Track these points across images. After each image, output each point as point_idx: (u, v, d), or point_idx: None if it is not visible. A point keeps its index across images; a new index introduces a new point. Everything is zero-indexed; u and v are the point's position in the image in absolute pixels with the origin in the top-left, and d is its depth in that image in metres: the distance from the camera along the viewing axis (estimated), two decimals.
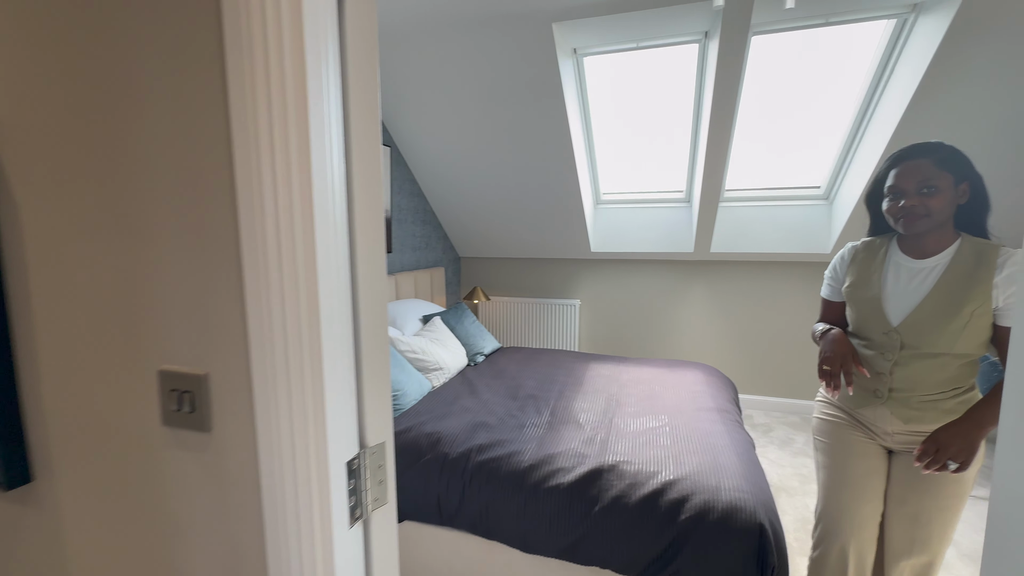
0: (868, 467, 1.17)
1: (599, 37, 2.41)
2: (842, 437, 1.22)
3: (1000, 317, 1.01)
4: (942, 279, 1.04)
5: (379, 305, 0.68)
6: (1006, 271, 0.99)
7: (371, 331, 0.66)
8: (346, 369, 0.62)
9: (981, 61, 1.98)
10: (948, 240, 1.06)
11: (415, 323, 2.67)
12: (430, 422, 1.81)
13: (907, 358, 1.08)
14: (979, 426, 0.99)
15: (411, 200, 3.34)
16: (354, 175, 0.62)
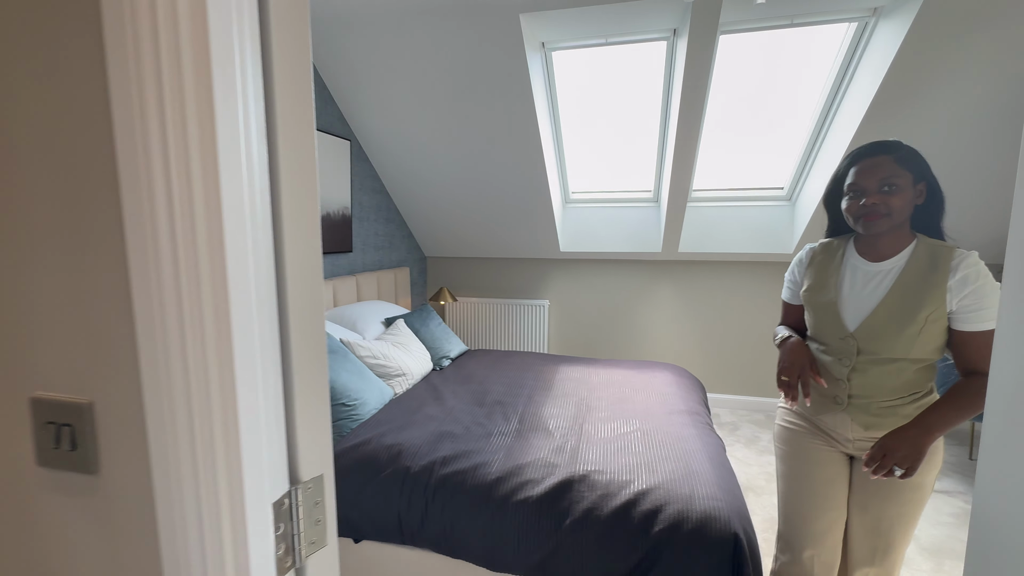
0: (828, 475, 1.15)
1: (568, 31, 2.35)
2: (802, 446, 1.19)
3: (955, 321, 0.99)
4: (897, 283, 1.03)
5: (314, 313, 0.58)
6: (960, 274, 0.97)
7: (304, 344, 0.56)
8: (270, 392, 0.51)
9: (939, 66, 2.02)
10: (904, 242, 1.05)
11: (377, 326, 2.54)
12: (391, 433, 1.70)
13: (864, 364, 1.06)
14: (927, 432, 0.98)
15: (373, 197, 3.19)
16: (281, 164, 0.52)
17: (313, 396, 0.58)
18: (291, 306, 0.54)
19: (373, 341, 2.25)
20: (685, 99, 2.33)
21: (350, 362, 1.94)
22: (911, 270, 1.02)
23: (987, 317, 0.96)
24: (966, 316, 0.97)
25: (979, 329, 0.97)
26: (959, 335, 1.00)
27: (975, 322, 0.97)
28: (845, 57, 2.31)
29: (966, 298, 0.97)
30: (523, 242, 3.50)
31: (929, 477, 1.05)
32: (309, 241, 0.56)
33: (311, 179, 0.56)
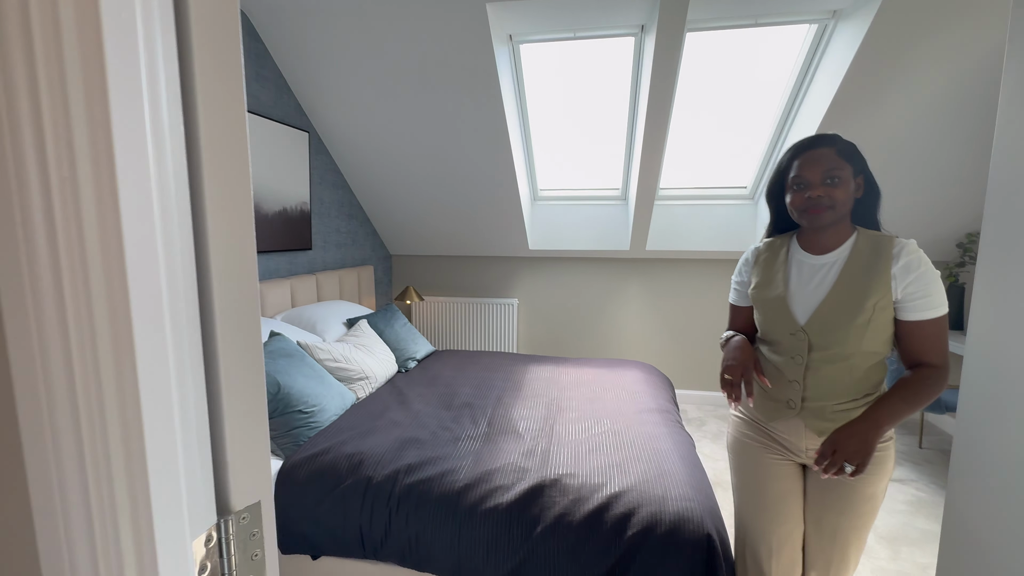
0: (783, 489, 1.12)
1: (535, 23, 2.30)
2: (755, 458, 1.16)
3: (901, 311, 1.00)
4: (843, 273, 1.03)
5: (246, 316, 0.49)
6: (902, 261, 0.98)
7: (234, 351, 0.48)
8: (189, 409, 0.43)
9: (895, 67, 2.08)
10: (846, 234, 1.05)
11: (339, 327, 2.42)
12: (352, 440, 1.60)
13: (817, 361, 1.04)
14: (876, 426, 0.96)
15: (335, 192, 3.05)
16: (202, 142, 0.43)
17: (247, 411, 0.50)
18: (217, 308, 0.46)
19: (334, 343, 2.14)
20: (653, 97, 2.32)
21: (308, 366, 1.83)
22: (854, 260, 1.02)
23: (932, 305, 0.97)
24: (912, 305, 0.98)
25: (925, 318, 0.97)
26: (905, 326, 1.00)
27: (921, 310, 0.97)
28: (806, 58, 2.36)
29: (910, 285, 0.97)
30: (491, 240, 3.44)
31: (880, 486, 1.04)
32: (239, 231, 0.48)
33: (242, 164, 0.48)
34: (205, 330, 0.46)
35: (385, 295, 3.73)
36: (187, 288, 0.43)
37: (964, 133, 2.33)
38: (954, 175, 2.52)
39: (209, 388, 0.46)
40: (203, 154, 0.44)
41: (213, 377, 0.46)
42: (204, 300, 0.45)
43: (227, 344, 0.47)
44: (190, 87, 0.43)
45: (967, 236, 2.83)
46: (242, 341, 0.49)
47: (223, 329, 0.47)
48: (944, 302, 0.97)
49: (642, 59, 2.42)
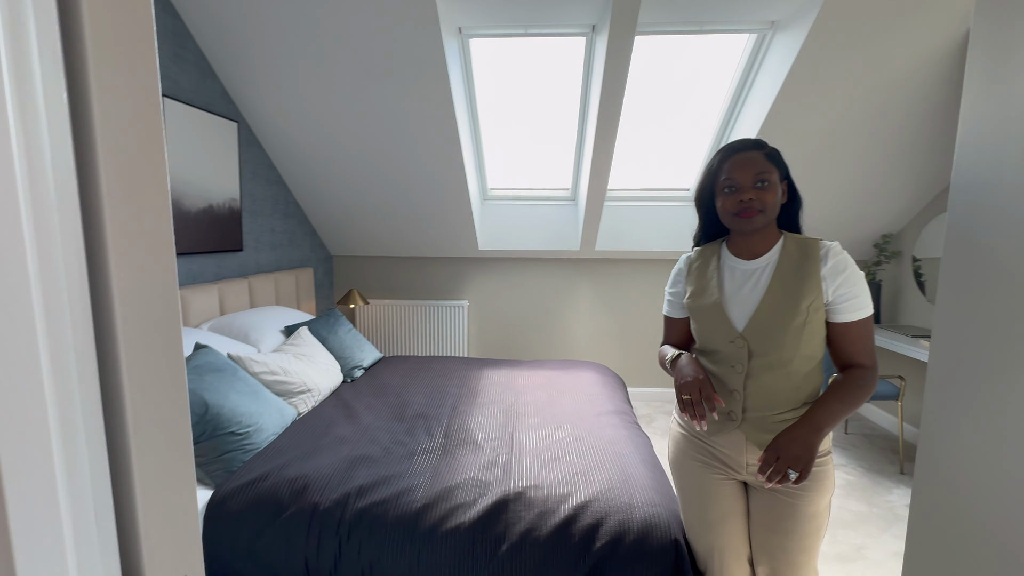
0: (725, 509, 1.10)
1: (486, 17, 2.22)
2: (697, 477, 1.13)
3: (832, 313, 1.01)
4: (775, 276, 1.03)
5: (163, 337, 0.39)
6: (830, 262, 1.00)
7: (147, 381, 0.37)
8: (79, 470, 0.32)
9: (828, 79, 2.21)
10: (773, 239, 1.06)
11: (275, 336, 2.22)
12: (294, 463, 1.45)
13: (757, 369, 1.03)
14: (816, 428, 0.96)
15: (268, 189, 2.82)
16: (97, 133, 0.33)
17: (167, 463, 0.39)
18: (120, 323, 0.35)
19: (271, 354, 1.95)
20: (604, 98, 2.32)
21: (241, 381, 1.64)
22: (784, 264, 1.03)
23: (860, 306, 0.99)
24: (842, 306, 0.99)
25: (853, 319, 0.99)
26: (837, 328, 1.01)
27: (851, 311, 0.99)
28: (746, 66, 2.45)
29: (840, 287, 0.99)
30: (440, 240, 3.32)
31: (822, 503, 1.03)
32: (152, 232, 0.37)
33: (156, 153, 0.37)
34: (105, 362, 0.35)
35: (326, 299, 3.51)
36: (76, 309, 0.32)
37: (883, 142, 2.52)
38: (873, 181, 2.73)
39: (109, 437, 0.35)
40: (98, 143, 0.33)
41: (116, 420, 0.36)
42: (103, 324, 0.34)
43: (135, 376, 0.36)
44: (79, 60, 0.32)
45: (882, 237, 3.09)
46: (156, 369, 0.38)
47: (130, 359, 0.36)
48: (869, 303, 1.00)
49: (593, 59, 2.41)
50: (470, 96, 2.64)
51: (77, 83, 0.32)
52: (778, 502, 1.03)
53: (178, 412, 0.41)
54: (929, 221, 2.81)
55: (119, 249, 0.35)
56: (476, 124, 2.80)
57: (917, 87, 2.26)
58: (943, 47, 2.09)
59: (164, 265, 0.39)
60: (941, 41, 2.07)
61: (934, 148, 2.53)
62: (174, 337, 0.39)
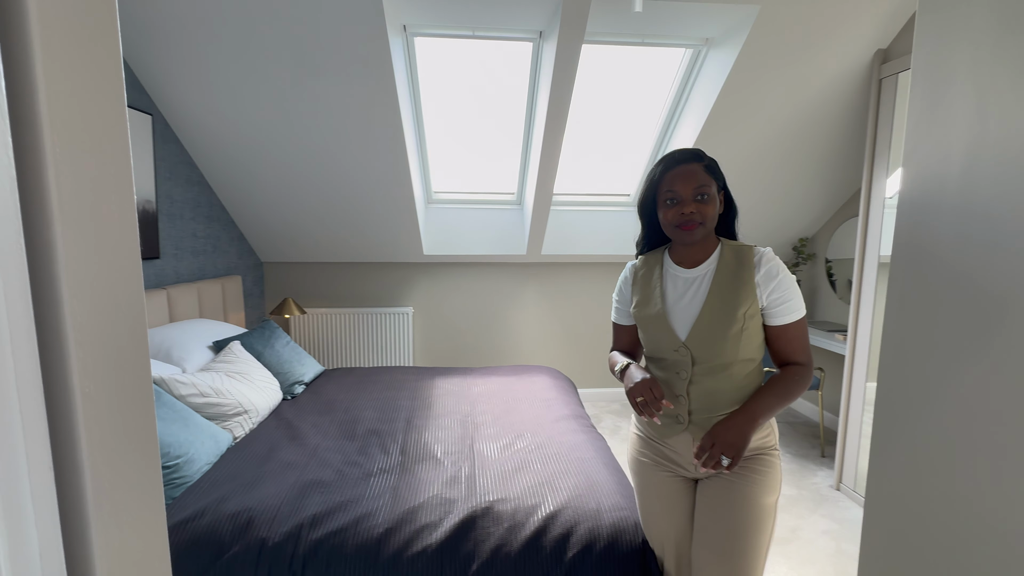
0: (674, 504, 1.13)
1: (431, 15, 2.16)
2: (650, 477, 1.17)
3: (767, 317, 1.06)
4: (714, 285, 1.07)
5: (128, 365, 0.32)
6: (763, 269, 1.04)
7: (109, 417, 0.30)
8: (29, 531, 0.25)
9: (757, 95, 2.38)
10: (712, 247, 1.10)
11: (203, 353, 2.01)
12: (235, 495, 1.31)
13: (699, 374, 1.07)
14: (752, 418, 1.00)
15: (189, 190, 2.55)
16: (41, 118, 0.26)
17: (130, 507, 0.32)
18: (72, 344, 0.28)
19: (198, 373, 1.76)
20: (552, 103, 2.34)
21: (165, 406, 1.46)
22: (722, 272, 1.07)
23: (793, 309, 1.04)
24: (777, 310, 1.04)
25: (787, 322, 1.05)
26: (772, 330, 1.07)
27: (785, 314, 1.04)
28: (682, 80, 2.58)
29: (773, 292, 1.04)
30: (382, 245, 3.19)
31: (768, 499, 1.06)
32: (114, 242, 0.30)
33: (120, 139, 0.30)
34: (54, 412, 0.27)
35: (257, 309, 3.24)
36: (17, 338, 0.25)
37: (801, 155, 2.76)
38: (792, 190, 2.98)
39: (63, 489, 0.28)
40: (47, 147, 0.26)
41: (72, 474, 0.28)
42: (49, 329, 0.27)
43: (94, 410, 0.29)
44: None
45: (800, 241, 3.38)
46: (121, 398, 0.31)
47: (88, 401, 0.29)
48: (802, 305, 1.06)
49: (540, 65, 2.43)
50: (415, 96, 2.56)
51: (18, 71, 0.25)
52: (723, 492, 1.06)
53: (146, 453, 0.33)
54: (839, 226, 3.11)
55: (73, 260, 0.27)
56: (420, 125, 2.72)
57: (830, 106, 2.49)
58: (851, 70, 2.33)
59: (130, 287, 0.31)
60: (849, 65, 2.30)
61: (843, 160, 2.80)
62: (142, 374, 0.32)
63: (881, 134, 2.21)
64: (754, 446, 1.07)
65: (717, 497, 1.07)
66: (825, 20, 2.08)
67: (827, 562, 1.89)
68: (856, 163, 2.77)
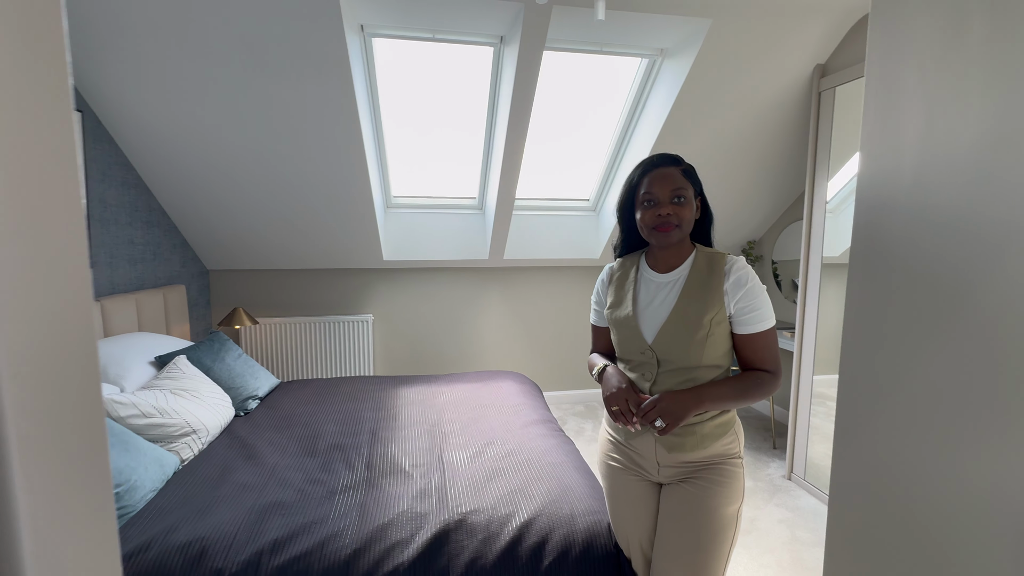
0: (639, 506, 1.14)
1: (390, 16, 2.11)
2: (618, 480, 1.17)
3: (734, 325, 1.06)
4: (683, 291, 1.07)
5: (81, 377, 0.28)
6: (732, 277, 1.04)
7: (53, 447, 0.26)
8: None
9: (710, 103, 2.48)
10: (686, 253, 1.11)
11: (144, 369, 1.86)
12: (185, 523, 1.21)
13: (663, 376, 1.07)
14: (698, 399, 1.00)
15: (125, 193, 2.37)
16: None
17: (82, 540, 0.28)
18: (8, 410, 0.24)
19: (140, 392, 1.62)
20: (514, 109, 2.34)
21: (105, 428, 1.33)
22: (693, 278, 1.07)
23: (761, 318, 1.04)
24: (744, 319, 1.04)
25: (755, 331, 1.04)
26: (740, 338, 1.07)
27: (752, 324, 1.04)
28: (639, 89, 2.65)
29: (740, 300, 1.03)
30: (340, 250, 3.08)
31: (731, 507, 1.05)
32: (59, 256, 0.26)
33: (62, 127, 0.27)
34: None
35: (203, 320, 3.04)
36: None
37: (750, 161, 2.89)
38: (742, 195, 3.13)
39: None
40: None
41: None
42: None
43: (33, 455, 0.25)
44: None
45: (748, 243, 3.55)
46: (68, 438, 0.27)
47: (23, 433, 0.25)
48: (770, 315, 1.05)
49: (501, 70, 2.42)
50: (373, 97, 2.49)
51: None
52: (684, 502, 1.06)
53: (99, 501, 0.29)
54: (784, 229, 3.29)
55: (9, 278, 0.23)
56: (379, 127, 2.65)
57: (775, 116, 2.64)
58: (794, 83, 2.47)
59: (80, 307, 0.27)
60: (792, 78, 2.44)
61: (787, 167, 2.97)
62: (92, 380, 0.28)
63: (821, 143, 2.35)
64: (717, 453, 1.06)
65: (679, 506, 1.07)
66: (770, 35, 2.20)
67: (784, 550, 1.98)
68: (799, 169, 2.94)
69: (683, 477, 1.09)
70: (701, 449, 1.06)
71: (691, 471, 1.07)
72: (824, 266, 2.37)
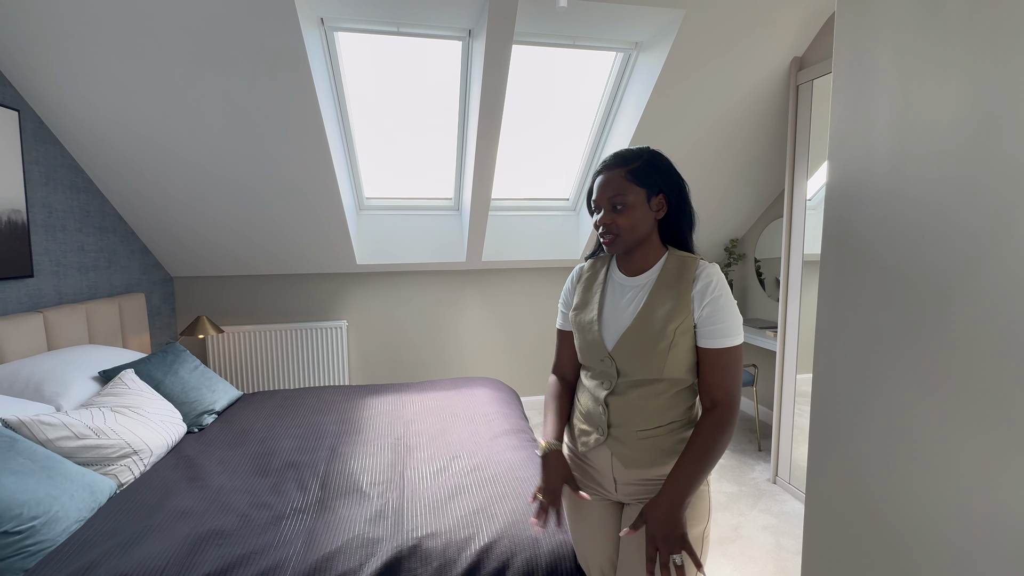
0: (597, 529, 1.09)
1: (351, 10, 2.01)
2: (576, 502, 1.11)
3: (699, 336, 0.96)
4: (649, 297, 0.99)
5: None
6: (700, 284, 0.96)
7: None
8: None
9: (686, 96, 2.41)
10: (657, 255, 1.02)
11: (86, 385, 1.73)
12: (108, 559, 1.09)
13: (623, 387, 1.01)
14: (680, 501, 0.91)
15: (74, 197, 2.23)
16: None
17: None
18: None
19: (75, 411, 1.50)
20: (484, 105, 2.25)
21: (21, 455, 1.21)
22: (661, 283, 0.99)
23: (724, 333, 0.94)
24: (707, 330, 0.95)
25: (719, 346, 0.94)
26: (701, 352, 0.97)
27: (713, 337, 0.94)
28: (614, 83, 2.58)
29: (704, 309, 0.95)
30: (310, 255, 2.96)
31: (697, 530, 0.99)
32: None
33: None
34: None
35: (166, 330, 2.91)
36: None
37: (729, 158, 2.83)
38: (723, 192, 3.07)
39: None
40: None
41: None
42: None
43: None
44: None
45: (731, 242, 3.49)
46: None
47: None
48: (737, 332, 0.95)
49: (471, 65, 2.33)
50: (338, 95, 2.39)
51: None
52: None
53: None
54: (766, 227, 3.23)
55: None
56: (347, 125, 2.55)
57: (753, 110, 2.57)
58: (771, 76, 2.41)
59: None
60: (769, 71, 2.38)
61: (767, 163, 2.91)
62: None
63: (800, 138, 2.29)
64: None
65: (639, 534, 0.98)
66: (745, 26, 2.13)
67: (768, 559, 1.90)
68: (779, 166, 2.89)
69: (644, 496, 1.01)
70: (660, 466, 0.98)
71: (651, 490, 1.00)
72: (806, 264, 2.30)
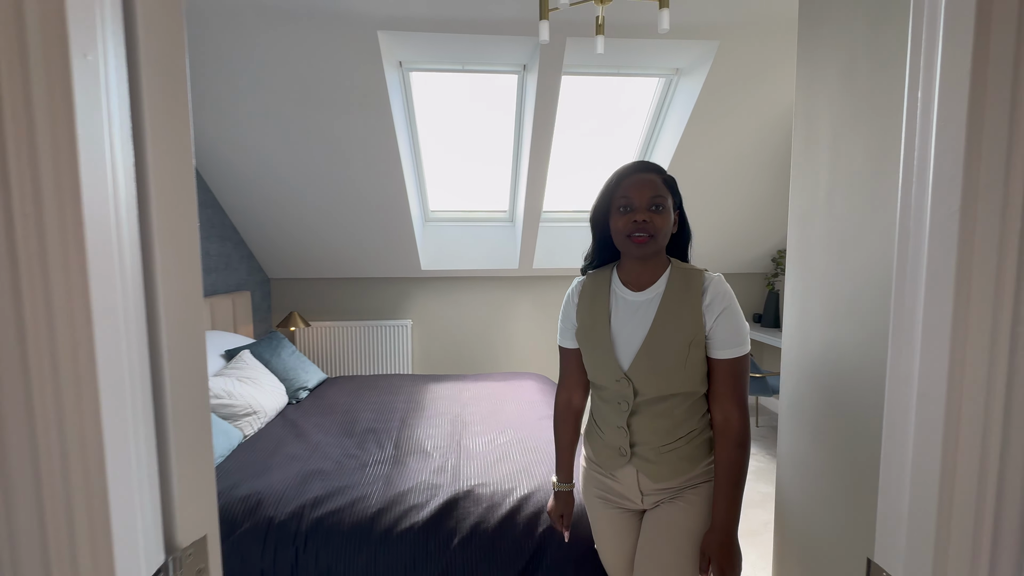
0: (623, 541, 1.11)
1: (425, 53, 2.39)
2: (596, 510, 1.14)
3: (710, 347, 0.98)
4: (660, 311, 0.99)
5: (193, 347, 0.50)
6: (708, 296, 0.97)
7: (184, 384, 0.48)
8: (142, 443, 0.43)
9: (726, 115, 2.58)
10: (661, 269, 1.02)
11: (216, 360, 2.19)
12: (245, 482, 1.48)
13: (641, 406, 1.01)
14: (730, 530, 0.96)
15: (203, 213, 2.77)
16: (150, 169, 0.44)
17: (194, 442, 0.50)
18: (167, 338, 0.46)
19: (213, 378, 1.94)
20: (537, 129, 2.55)
21: None
22: (670, 296, 0.99)
23: (738, 342, 0.96)
24: (719, 341, 0.97)
25: (723, 357, 0.96)
26: (712, 363, 0.99)
27: (728, 347, 0.96)
28: (657, 106, 2.80)
29: (717, 320, 0.96)
30: (381, 261, 3.39)
31: (699, 524, 1.02)
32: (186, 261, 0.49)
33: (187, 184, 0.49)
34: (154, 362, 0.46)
35: (264, 322, 3.44)
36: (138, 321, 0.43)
37: (770, 171, 2.95)
38: (768, 203, 3.17)
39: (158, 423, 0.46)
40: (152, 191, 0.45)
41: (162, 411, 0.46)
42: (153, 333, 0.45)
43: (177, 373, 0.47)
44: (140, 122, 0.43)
45: (778, 252, 3.55)
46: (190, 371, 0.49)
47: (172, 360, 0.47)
48: (744, 342, 0.96)
49: (525, 94, 2.65)
50: (411, 123, 2.78)
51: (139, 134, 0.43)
52: (663, 528, 1.03)
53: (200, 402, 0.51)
54: None
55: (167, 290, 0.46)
56: (417, 149, 2.94)
57: (789, 125, 2.69)
58: None
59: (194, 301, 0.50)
60: None
61: None
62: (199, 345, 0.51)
63: None
64: (696, 473, 1.02)
65: (657, 532, 1.03)
66: (774, 53, 2.29)
67: None
68: None
69: (665, 499, 1.05)
70: (685, 473, 1.02)
71: (674, 493, 1.04)
72: None
